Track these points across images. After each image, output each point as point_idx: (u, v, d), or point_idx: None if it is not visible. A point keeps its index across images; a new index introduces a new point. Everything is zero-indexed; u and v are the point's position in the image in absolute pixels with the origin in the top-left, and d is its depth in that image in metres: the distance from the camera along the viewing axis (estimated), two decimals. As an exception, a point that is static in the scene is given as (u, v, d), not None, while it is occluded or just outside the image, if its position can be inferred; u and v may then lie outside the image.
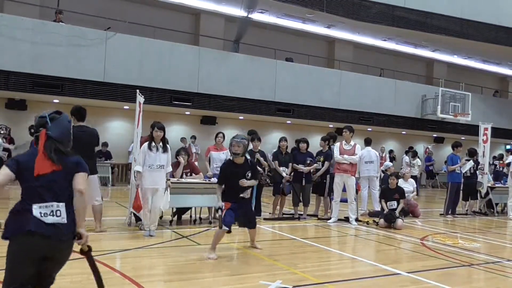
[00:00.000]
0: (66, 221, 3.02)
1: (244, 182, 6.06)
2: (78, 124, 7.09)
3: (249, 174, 6.14)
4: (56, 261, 3.14)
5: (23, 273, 2.98)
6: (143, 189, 7.12)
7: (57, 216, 3.00)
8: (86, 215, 3.21)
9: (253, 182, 6.25)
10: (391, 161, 18.62)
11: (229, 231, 5.99)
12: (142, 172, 7.07)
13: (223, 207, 5.97)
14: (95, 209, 7.29)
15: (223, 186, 6.14)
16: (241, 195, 6.14)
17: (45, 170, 2.99)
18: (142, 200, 7.14)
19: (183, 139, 16.88)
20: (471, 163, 11.98)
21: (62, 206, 3.03)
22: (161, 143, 7.24)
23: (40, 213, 2.95)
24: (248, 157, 9.09)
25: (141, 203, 7.15)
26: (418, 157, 18.06)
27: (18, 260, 2.95)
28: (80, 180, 3.13)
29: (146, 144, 7.17)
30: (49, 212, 2.97)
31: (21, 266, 2.97)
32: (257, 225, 8.86)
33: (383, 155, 20.21)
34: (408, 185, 11.19)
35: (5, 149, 12.29)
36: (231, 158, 6.28)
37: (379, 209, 10.49)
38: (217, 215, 6.20)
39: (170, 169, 7.41)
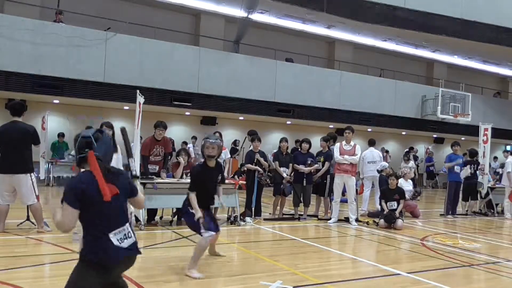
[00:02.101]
0: (135, 240, 3.05)
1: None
2: (13, 120, 7.08)
3: (219, 178, 5.68)
4: (121, 278, 3.18)
5: None
6: None
7: (129, 237, 3.00)
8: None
9: (221, 200, 5.74)
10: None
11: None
12: None
13: (202, 217, 5.30)
14: (33, 210, 7.12)
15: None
16: (214, 205, 5.71)
17: (110, 194, 2.90)
18: None
19: (183, 144, 16.84)
20: (467, 170, 11.96)
21: (128, 226, 3.03)
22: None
23: (117, 239, 2.92)
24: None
25: None
26: (415, 158, 18.01)
27: (91, 283, 2.88)
28: (141, 201, 3.30)
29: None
30: (123, 237, 2.96)
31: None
32: (258, 226, 8.91)
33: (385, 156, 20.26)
34: (408, 185, 11.21)
35: None
36: (202, 161, 5.70)
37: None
38: (201, 220, 5.30)
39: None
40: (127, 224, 3.02)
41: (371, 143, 12.27)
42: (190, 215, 5.37)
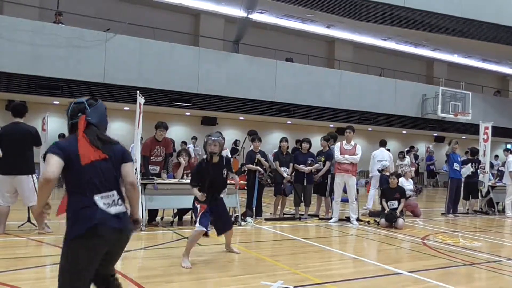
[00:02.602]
0: (125, 210, 2.90)
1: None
2: (15, 121, 7.09)
3: (225, 172, 5.95)
4: (115, 253, 2.98)
5: (89, 275, 2.82)
6: None
7: (118, 205, 2.86)
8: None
9: (237, 179, 6.19)
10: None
11: (206, 234, 5.85)
12: None
13: (201, 195, 5.66)
14: (33, 211, 7.13)
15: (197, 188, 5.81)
16: (221, 195, 5.99)
17: (92, 158, 2.79)
18: None
19: (182, 144, 16.84)
20: (469, 168, 11.97)
21: (117, 194, 2.88)
22: None
23: (104, 203, 2.77)
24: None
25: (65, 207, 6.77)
26: (415, 157, 18.01)
27: (85, 262, 2.76)
28: (130, 171, 3.02)
29: None
30: (111, 202, 2.81)
31: (88, 268, 2.79)
32: (258, 226, 8.90)
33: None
34: (409, 184, 11.22)
35: None
36: (205, 158, 5.97)
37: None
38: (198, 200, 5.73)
39: None
40: (116, 192, 2.87)
41: (382, 143, 12.68)
42: (195, 210, 5.80)
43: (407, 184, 11.13)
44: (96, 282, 3.01)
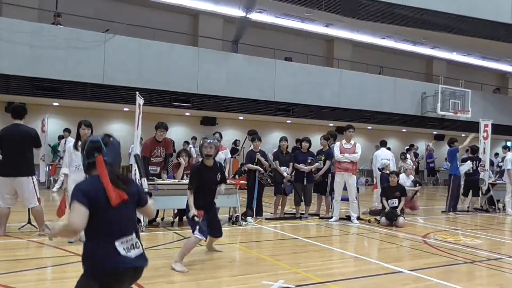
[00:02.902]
0: (142, 251, 2.93)
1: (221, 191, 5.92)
2: (15, 122, 7.08)
3: (219, 177, 5.88)
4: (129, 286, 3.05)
5: None
6: (68, 191, 6.53)
7: (137, 248, 2.88)
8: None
9: (223, 189, 6.00)
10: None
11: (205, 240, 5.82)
12: (69, 174, 6.62)
13: (197, 215, 5.52)
14: (34, 213, 7.07)
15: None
16: (215, 199, 5.93)
17: (118, 201, 2.78)
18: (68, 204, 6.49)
19: (185, 144, 16.84)
20: (469, 164, 11.98)
21: (136, 237, 2.90)
22: None
23: (123, 248, 2.79)
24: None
25: (64, 208, 6.56)
26: (415, 155, 18.03)
27: None
28: (150, 210, 3.16)
29: (71, 143, 6.73)
30: (130, 246, 2.83)
31: None
32: (259, 225, 8.91)
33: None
34: (410, 180, 11.23)
35: None
36: (200, 161, 5.95)
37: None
38: (196, 219, 5.54)
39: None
40: (134, 234, 2.90)
41: (383, 143, 12.82)
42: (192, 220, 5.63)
43: (407, 181, 11.15)
44: None
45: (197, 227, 5.50)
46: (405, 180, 11.09)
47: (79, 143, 6.58)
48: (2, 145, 6.91)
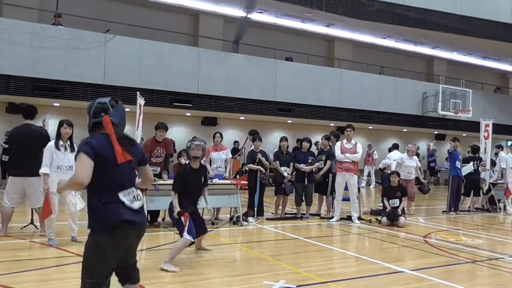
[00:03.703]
0: (143, 203, 3.08)
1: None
2: (25, 123, 7.08)
3: (203, 179, 5.98)
4: (135, 244, 3.17)
5: (111, 266, 2.96)
6: (50, 193, 6.41)
7: (139, 200, 3.02)
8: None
9: (207, 196, 6.11)
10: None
11: (192, 242, 5.85)
12: (49, 174, 6.42)
13: (182, 212, 5.64)
14: (40, 213, 6.98)
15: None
16: (199, 206, 6.05)
17: (123, 158, 2.95)
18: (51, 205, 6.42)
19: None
20: (470, 167, 11.98)
21: (136, 190, 3.06)
22: (68, 142, 6.66)
23: (127, 199, 2.94)
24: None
25: (51, 208, 6.43)
26: (417, 155, 18.00)
27: (109, 253, 2.90)
28: (149, 171, 3.31)
29: (52, 142, 6.58)
30: (132, 198, 2.98)
31: (111, 258, 2.93)
32: (260, 225, 8.90)
33: (371, 152, 20.29)
34: (412, 161, 11.09)
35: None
36: (187, 163, 6.03)
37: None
38: (183, 220, 5.62)
39: None
40: (135, 188, 3.07)
41: (395, 146, 13.19)
42: (178, 222, 5.74)
43: (408, 161, 11.10)
44: (117, 273, 3.17)
45: (185, 229, 5.56)
46: (406, 161, 11.08)
47: (60, 142, 6.57)
48: (14, 145, 6.94)
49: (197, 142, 5.92)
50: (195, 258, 5.96)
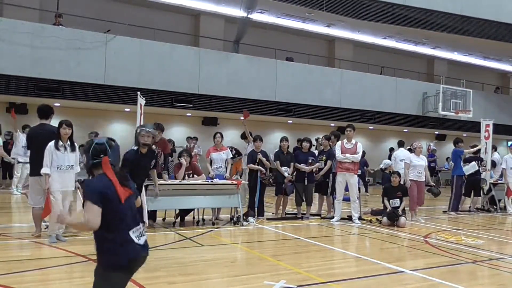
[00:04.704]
0: (146, 237, 3.22)
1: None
2: (41, 122, 7.11)
3: (153, 163, 5.99)
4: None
5: None
6: (52, 192, 6.48)
7: (144, 235, 3.15)
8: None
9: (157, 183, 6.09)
10: (389, 158, 18.60)
11: None
12: (50, 174, 6.46)
13: None
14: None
15: None
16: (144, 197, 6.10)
17: (125, 196, 3.07)
18: (52, 204, 6.46)
19: (188, 139, 16.84)
20: (474, 166, 11.98)
21: (142, 226, 3.18)
22: (69, 142, 6.70)
23: (135, 236, 3.06)
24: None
25: (51, 207, 6.45)
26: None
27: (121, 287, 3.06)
28: (140, 201, 3.46)
29: (52, 143, 6.60)
30: (139, 234, 3.10)
31: None
32: (261, 225, 8.90)
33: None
34: (421, 160, 10.65)
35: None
36: (135, 148, 5.96)
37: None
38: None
39: (78, 169, 6.90)
40: (142, 224, 3.18)
41: (401, 144, 12.91)
42: None
43: (417, 161, 10.52)
44: None
45: None
46: (414, 160, 10.50)
47: (60, 142, 6.59)
48: (32, 145, 6.97)
49: (147, 129, 5.86)
50: (196, 258, 5.96)
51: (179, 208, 8.70)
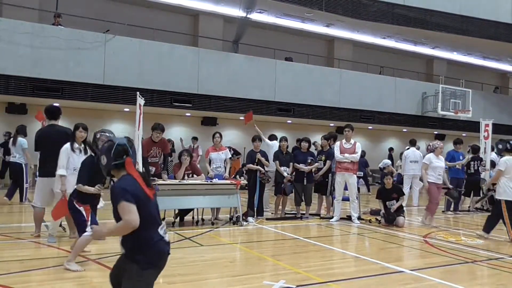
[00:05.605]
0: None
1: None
2: (50, 123, 7.14)
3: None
4: None
5: None
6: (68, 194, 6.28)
7: (167, 232, 3.22)
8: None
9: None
10: (389, 158, 18.62)
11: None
12: (66, 175, 6.42)
13: (83, 207, 5.60)
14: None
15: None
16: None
17: (152, 195, 3.13)
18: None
19: (193, 140, 16.90)
20: (468, 159, 12.04)
21: (164, 223, 3.28)
22: (82, 145, 6.69)
23: (163, 233, 3.14)
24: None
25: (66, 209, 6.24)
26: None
27: (152, 284, 3.14)
28: None
29: (68, 145, 6.59)
30: (164, 231, 3.17)
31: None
32: (260, 225, 8.91)
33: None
34: (440, 161, 9.76)
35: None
36: (93, 154, 5.90)
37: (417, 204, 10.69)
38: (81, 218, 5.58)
39: None
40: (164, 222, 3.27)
41: (412, 143, 12.91)
42: (77, 212, 5.60)
43: (437, 162, 9.54)
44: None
45: (88, 224, 5.44)
46: (433, 161, 9.49)
47: (76, 145, 6.58)
48: (41, 146, 6.98)
49: (107, 134, 5.81)
50: (195, 258, 5.96)
51: (179, 208, 8.71)
